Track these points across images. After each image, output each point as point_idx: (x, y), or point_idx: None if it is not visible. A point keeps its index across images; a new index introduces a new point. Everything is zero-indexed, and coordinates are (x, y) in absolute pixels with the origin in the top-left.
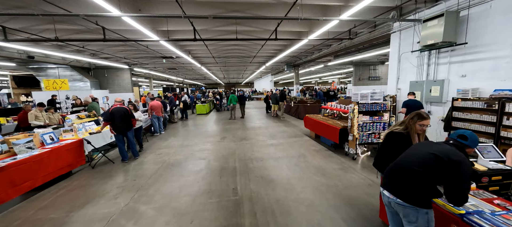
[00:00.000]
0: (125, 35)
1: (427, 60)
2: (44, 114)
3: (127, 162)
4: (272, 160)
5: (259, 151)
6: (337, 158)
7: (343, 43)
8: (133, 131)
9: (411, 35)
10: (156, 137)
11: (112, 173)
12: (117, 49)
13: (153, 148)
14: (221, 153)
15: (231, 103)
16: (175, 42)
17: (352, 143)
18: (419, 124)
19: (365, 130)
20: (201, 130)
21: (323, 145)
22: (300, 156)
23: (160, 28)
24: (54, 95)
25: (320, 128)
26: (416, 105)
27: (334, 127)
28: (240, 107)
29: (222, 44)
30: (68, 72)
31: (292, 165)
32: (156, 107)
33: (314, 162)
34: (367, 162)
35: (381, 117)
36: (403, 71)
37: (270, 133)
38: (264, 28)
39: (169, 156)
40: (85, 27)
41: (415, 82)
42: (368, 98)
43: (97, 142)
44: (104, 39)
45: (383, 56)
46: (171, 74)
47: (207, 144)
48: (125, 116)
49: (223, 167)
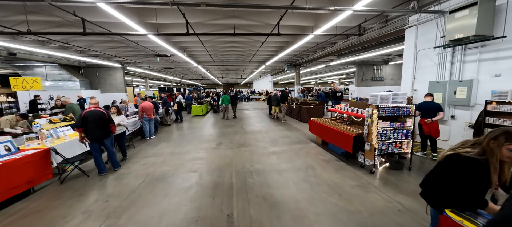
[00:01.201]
0: (109, 28)
1: (450, 57)
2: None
3: (105, 175)
4: (276, 173)
5: (259, 161)
6: (351, 171)
7: (350, 40)
8: (112, 138)
9: (431, 30)
10: (146, 142)
11: (83, 190)
12: (106, 46)
13: (139, 156)
14: (216, 164)
15: (223, 104)
16: (168, 39)
17: (370, 153)
18: (508, 148)
19: (385, 138)
20: (196, 134)
21: (332, 154)
22: (307, 167)
23: (148, 21)
24: (37, 96)
25: (328, 134)
26: (432, 108)
27: (347, 133)
28: (232, 107)
29: (220, 41)
30: (57, 71)
31: (300, 180)
32: (147, 109)
33: (326, 176)
34: (387, 176)
35: (403, 123)
36: (420, 71)
37: (271, 138)
38: (265, 22)
39: (155, 166)
40: (63, 19)
41: (435, 82)
42: (389, 101)
43: (71, 150)
44: (84, 33)
45: (387, 56)
46: (167, 74)
47: (201, 151)
48: (100, 120)
49: (217, 183)
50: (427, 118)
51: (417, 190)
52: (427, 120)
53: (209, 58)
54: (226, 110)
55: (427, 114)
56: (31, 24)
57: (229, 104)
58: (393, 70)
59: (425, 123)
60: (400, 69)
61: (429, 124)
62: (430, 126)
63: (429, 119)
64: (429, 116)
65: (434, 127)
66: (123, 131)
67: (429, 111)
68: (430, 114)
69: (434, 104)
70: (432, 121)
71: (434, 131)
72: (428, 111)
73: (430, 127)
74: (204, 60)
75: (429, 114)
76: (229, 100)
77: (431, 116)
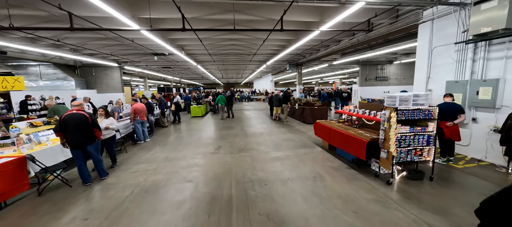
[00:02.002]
0: (100, 24)
1: (471, 54)
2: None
3: (89, 185)
4: (280, 183)
5: (262, 168)
6: (365, 181)
7: (356, 37)
8: (98, 144)
9: (449, 24)
10: (139, 145)
11: (61, 204)
12: (100, 44)
13: (131, 162)
14: (214, 172)
15: (219, 104)
16: (164, 35)
17: (386, 161)
18: None
19: (403, 144)
20: (194, 136)
21: (341, 160)
22: (316, 176)
23: (141, 15)
24: (28, 96)
25: (337, 138)
26: (453, 110)
27: (359, 139)
28: (227, 108)
29: (219, 39)
30: (51, 70)
31: (308, 192)
32: (140, 111)
33: (337, 188)
34: (407, 188)
35: (424, 128)
36: (436, 69)
37: (274, 142)
38: (267, 17)
39: (147, 175)
40: (49, 13)
41: (454, 82)
42: (409, 102)
43: (53, 157)
44: (71, 28)
45: (392, 54)
46: (166, 73)
47: (198, 156)
48: (82, 125)
49: (214, 196)
50: (447, 121)
51: (445, 206)
52: (448, 122)
53: (209, 57)
54: (222, 110)
55: (448, 116)
56: (15, 19)
57: (224, 105)
58: (397, 69)
59: (445, 126)
60: (405, 69)
61: (450, 127)
62: (451, 129)
63: (449, 121)
64: (449, 119)
65: (456, 131)
66: (113, 135)
67: (449, 113)
68: (450, 116)
69: (455, 105)
70: (454, 124)
71: (456, 134)
72: (449, 113)
73: (451, 131)
74: (203, 59)
75: (450, 116)
76: (224, 101)
77: (452, 118)
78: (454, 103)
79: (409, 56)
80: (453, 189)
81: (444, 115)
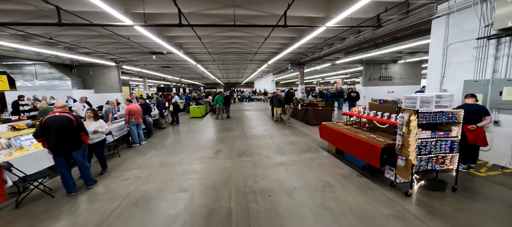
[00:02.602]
0: (91, 19)
1: (494, 51)
2: None
3: (74, 195)
4: (285, 194)
5: (264, 176)
6: (380, 192)
7: (362, 35)
8: (84, 149)
9: (467, 19)
10: (134, 149)
11: (38, 219)
12: (95, 42)
13: (123, 167)
14: (212, 179)
15: (217, 104)
16: (160, 33)
17: (405, 171)
18: None
19: (424, 151)
20: (192, 138)
21: (351, 166)
22: (324, 186)
23: (135, 10)
24: (21, 96)
25: (345, 142)
26: (476, 112)
27: (372, 144)
28: (225, 108)
29: (219, 37)
30: (47, 70)
31: (317, 205)
32: (134, 112)
33: (350, 200)
34: (429, 201)
35: (447, 132)
36: (451, 67)
37: (277, 145)
38: (270, 12)
39: (138, 183)
40: (37, 7)
41: (473, 81)
42: (432, 104)
43: (35, 164)
44: (59, 24)
45: (397, 53)
46: (165, 73)
47: (195, 161)
48: (66, 129)
49: (211, 209)
50: (470, 124)
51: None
52: (471, 126)
53: (208, 56)
54: (220, 110)
55: (470, 118)
56: (1, 15)
57: (222, 105)
58: (402, 69)
59: (468, 130)
60: (409, 68)
61: (473, 131)
62: (476, 133)
63: (472, 124)
64: (472, 121)
65: (481, 135)
66: (102, 139)
67: (472, 115)
68: (473, 119)
69: (478, 107)
70: (477, 127)
71: (481, 139)
72: (472, 115)
73: (476, 135)
74: (203, 59)
75: (473, 118)
76: (222, 101)
77: (475, 121)
78: (477, 105)
79: (415, 56)
80: (480, 202)
81: (466, 118)
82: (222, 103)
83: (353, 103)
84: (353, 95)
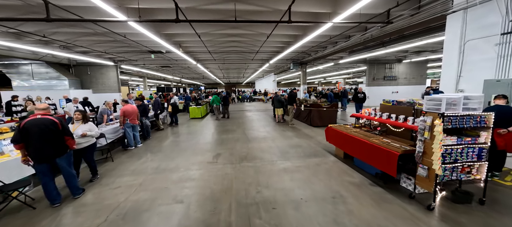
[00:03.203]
0: (81, 14)
1: None
2: None
3: (58, 207)
4: (292, 207)
5: (268, 184)
6: (398, 205)
7: (369, 32)
8: (70, 155)
9: (488, 13)
10: (129, 152)
11: None
12: (91, 41)
13: (115, 173)
14: (211, 188)
15: (214, 104)
16: (158, 30)
17: (427, 181)
18: None
19: (448, 160)
20: (191, 141)
21: (361, 173)
22: (335, 196)
23: (129, 5)
24: (15, 97)
25: (355, 147)
26: (507, 115)
27: (387, 150)
28: (223, 108)
29: (219, 34)
30: (44, 69)
31: (330, 222)
32: (130, 113)
33: (366, 215)
34: (456, 217)
35: (475, 138)
36: (468, 66)
37: (280, 148)
38: (273, 7)
39: (130, 192)
40: (24, 2)
41: (495, 81)
42: (459, 106)
43: (18, 171)
44: (47, 19)
45: (402, 53)
46: (165, 72)
47: (193, 167)
48: (49, 133)
49: (209, 224)
50: (500, 128)
51: None
52: (501, 130)
53: (209, 56)
54: (218, 111)
55: (501, 122)
56: None
57: (219, 105)
58: (407, 69)
59: (498, 134)
60: (414, 68)
61: (504, 136)
62: (506, 138)
63: (503, 128)
64: (503, 125)
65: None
66: (92, 143)
67: (503, 119)
68: (504, 122)
69: (510, 109)
70: (509, 131)
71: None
72: (502, 119)
73: (507, 140)
74: (203, 58)
75: (504, 122)
76: (219, 101)
77: (506, 125)
78: (508, 106)
79: (420, 55)
80: None
81: (496, 121)
82: (219, 103)
83: (360, 104)
84: (360, 96)
